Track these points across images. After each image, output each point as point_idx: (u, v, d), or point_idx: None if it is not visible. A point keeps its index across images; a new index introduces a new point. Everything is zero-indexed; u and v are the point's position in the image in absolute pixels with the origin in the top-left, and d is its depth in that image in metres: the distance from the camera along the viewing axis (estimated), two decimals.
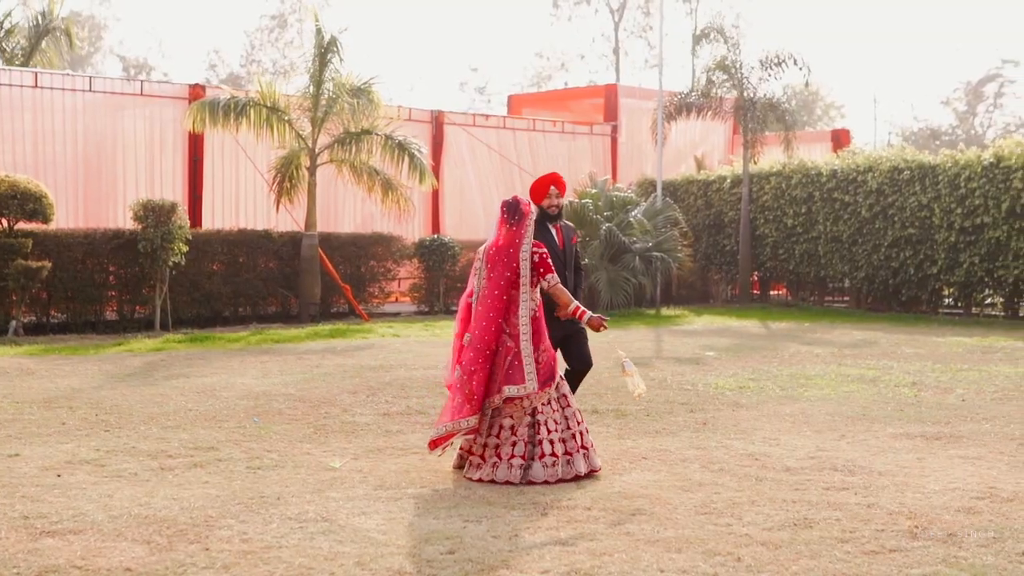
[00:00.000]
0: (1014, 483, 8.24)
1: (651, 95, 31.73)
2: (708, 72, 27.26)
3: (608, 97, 31.26)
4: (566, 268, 9.58)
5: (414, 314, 23.53)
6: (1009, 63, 66.43)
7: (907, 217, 24.06)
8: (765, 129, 26.61)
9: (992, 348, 17.47)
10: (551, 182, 9.61)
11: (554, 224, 9.64)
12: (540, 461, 8.35)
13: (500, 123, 28.70)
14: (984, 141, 59.87)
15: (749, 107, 26.39)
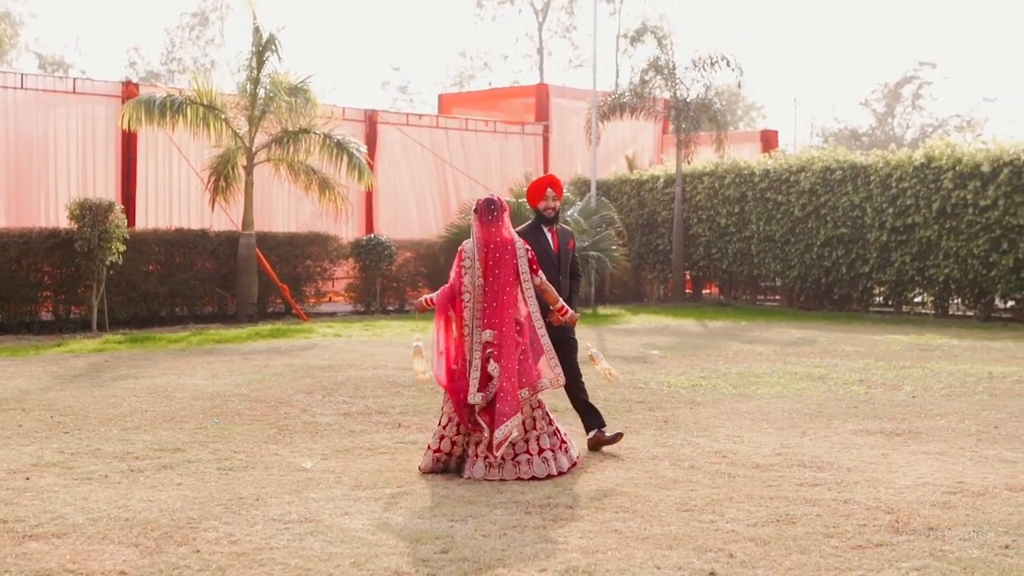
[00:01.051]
0: (981, 478, 8.37)
1: (582, 95, 31.89)
2: (642, 72, 27.39)
3: (539, 97, 31.32)
4: (560, 273, 9.42)
5: (351, 314, 23.43)
6: (926, 65, 67.41)
7: (839, 217, 24.37)
8: (699, 129, 26.78)
9: (929, 346, 17.74)
10: (547, 184, 9.49)
11: (550, 227, 9.50)
12: (540, 456, 8.51)
13: (433, 122, 28.65)
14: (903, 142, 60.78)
15: (683, 107, 26.57)
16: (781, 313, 24.50)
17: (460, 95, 37.60)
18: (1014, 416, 11.20)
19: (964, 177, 22.48)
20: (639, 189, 28.49)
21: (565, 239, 9.57)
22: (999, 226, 22.06)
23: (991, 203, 22.09)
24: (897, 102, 67.26)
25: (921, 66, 67.47)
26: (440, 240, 25.00)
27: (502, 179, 28.85)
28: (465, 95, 37.92)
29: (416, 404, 11.66)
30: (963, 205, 22.51)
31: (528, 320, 8.75)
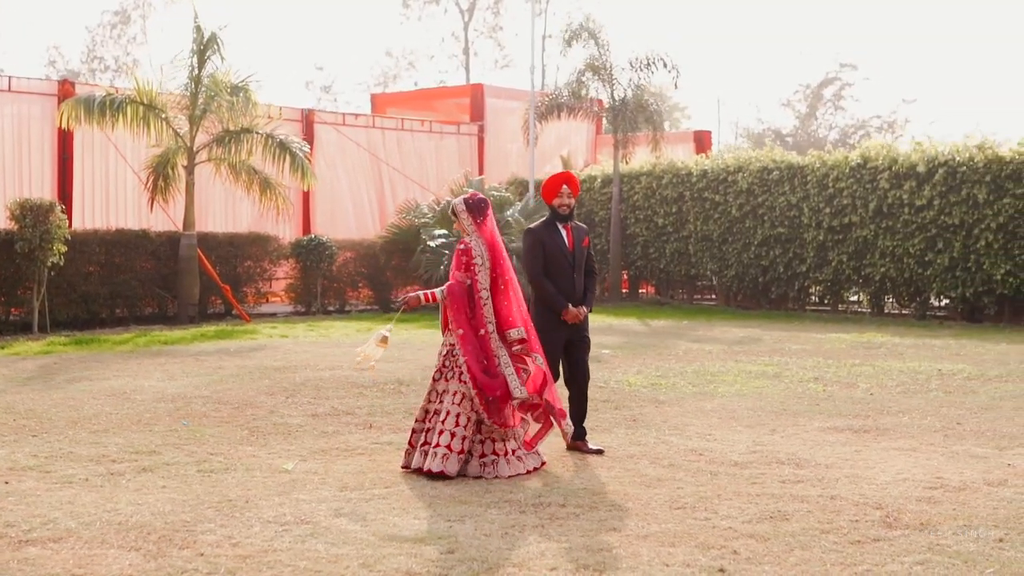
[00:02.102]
0: (958, 473, 8.51)
1: (517, 95, 31.97)
2: (579, 73, 27.46)
3: (474, 97, 31.35)
4: (574, 270, 9.38)
5: (291, 314, 23.29)
6: (847, 67, 68.17)
7: (777, 216, 24.62)
8: (636, 129, 26.92)
9: (873, 344, 17.97)
10: (563, 181, 9.40)
11: (565, 225, 9.44)
12: None
13: (369, 122, 28.59)
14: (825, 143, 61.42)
15: (620, 108, 26.68)
16: (719, 312, 24.68)
17: (393, 95, 37.50)
18: (973, 412, 11.38)
19: (900, 177, 22.81)
20: None
21: (580, 236, 9.51)
22: (934, 225, 22.40)
23: (927, 203, 22.43)
24: (819, 103, 67.99)
25: (842, 67, 68.22)
26: (380, 240, 24.93)
27: (438, 179, 28.85)
28: (398, 95, 37.83)
29: (382, 405, 11.63)
30: (899, 205, 22.84)
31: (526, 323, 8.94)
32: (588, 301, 9.48)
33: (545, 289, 9.31)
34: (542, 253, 9.33)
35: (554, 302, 9.29)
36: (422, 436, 8.55)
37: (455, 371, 8.56)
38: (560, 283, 9.33)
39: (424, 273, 23.83)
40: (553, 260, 9.32)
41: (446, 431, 8.41)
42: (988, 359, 15.83)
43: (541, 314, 9.32)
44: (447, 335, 8.69)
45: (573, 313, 9.28)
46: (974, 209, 21.91)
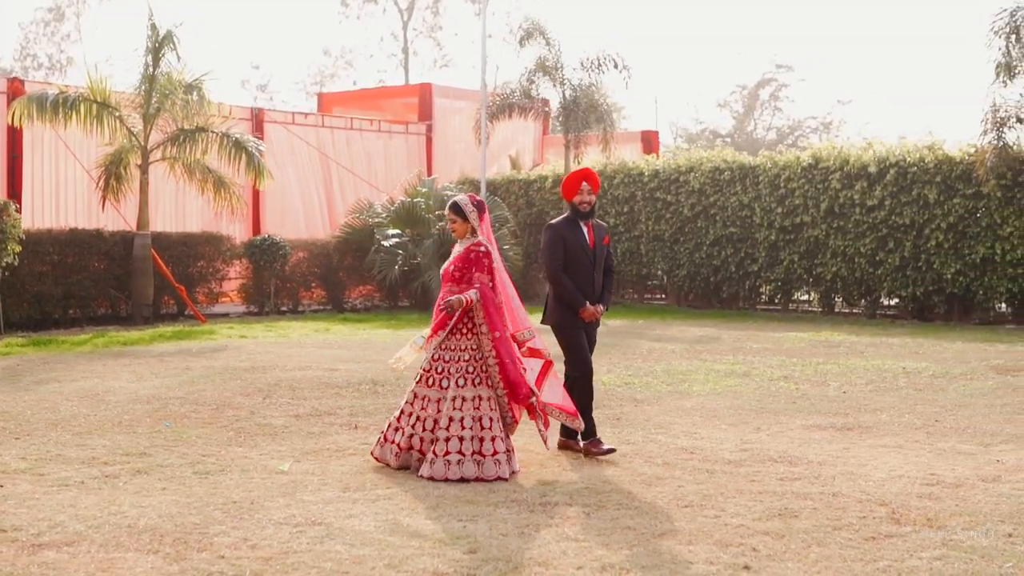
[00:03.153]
0: (950, 470, 8.62)
1: (465, 95, 31.96)
2: (529, 73, 27.44)
3: (422, 96, 31.28)
4: (595, 269, 9.32)
5: (245, 315, 23.13)
6: (783, 68, 68.75)
7: (728, 216, 24.80)
8: (588, 129, 26.96)
9: (831, 342, 18.15)
10: (583, 177, 9.32)
11: (586, 222, 9.36)
12: None
13: (319, 121, 28.45)
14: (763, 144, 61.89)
15: (572, 108, 26.71)
16: (671, 312, 24.80)
17: (340, 94, 37.30)
18: (947, 410, 11.53)
19: (851, 177, 23.05)
20: (527, 189, 28.61)
21: (600, 234, 9.43)
22: (885, 225, 22.67)
23: (878, 203, 22.69)
24: (755, 104, 68.52)
25: (778, 68, 68.78)
26: (333, 240, 24.82)
27: (386, 178, 28.77)
28: (345, 94, 37.65)
29: (362, 405, 11.58)
30: (850, 205, 23.08)
31: None
32: (606, 300, 9.45)
33: (565, 286, 9.22)
34: (563, 250, 9.25)
35: (573, 300, 9.21)
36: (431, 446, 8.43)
37: (480, 376, 8.53)
38: (580, 281, 9.26)
39: (378, 273, 23.78)
40: (574, 257, 9.25)
41: (487, 438, 8.37)
42: (948, 357, 16.03)
43: (559, 311, 9.29)
44: (456, 339, 8.60)
45: (591, 311, 9.25)
46: (925, 209, 22.19)
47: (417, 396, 8.58)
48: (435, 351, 8.59)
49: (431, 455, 8.35)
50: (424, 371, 8.63)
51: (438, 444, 8.35)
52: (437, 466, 8.28)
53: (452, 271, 8.68)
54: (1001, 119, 20.80)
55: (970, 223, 21.77)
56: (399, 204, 24.33)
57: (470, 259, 8.68)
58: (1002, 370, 14.57)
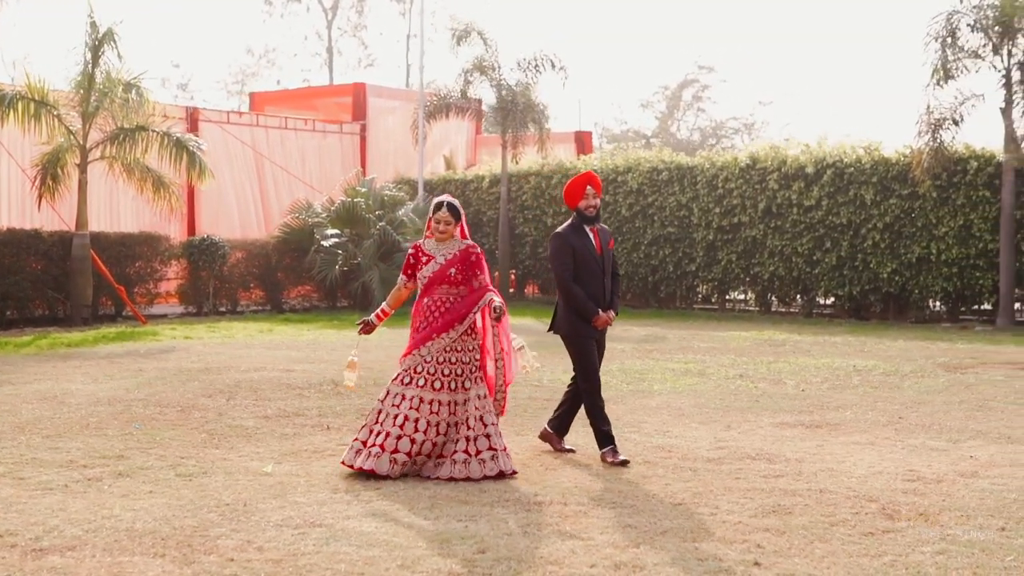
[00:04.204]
0: (926, 465, 8.76)
1: (398, 95, 31.95)
2: (466, 73, 27.44)
3: (356, 96, 31.14)
4: (604, 274, 9.15)
5: (184, 315, 22.93)
6: (705, 68, 69.21)
7: (667, 216, 24.97)
8: (525, 129, 27.01)
9: (775, 341, 18.35)
10: (587, 182, 9.16)
11: (591, 227, 9.19)
12: None
13: (253, 120, 28.24)
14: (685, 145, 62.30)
15: (509, 108, 26.75)
16: None
17: (273, 93, 37.05)
18: (908, 407, 11.71)
19: (789, 178, 23.35)
20: (464, 189, 28.60)
21: (606, 238, 9.28)
22: (822, 225, 22.99)
23: (815, 203, 23.00)
24: (678, 104, 68.94)
25: (700, 69, 69.21)
26: (272, 240, 24.66)
27: (321, 178, 28.63)
28: (278, 93, 37.41)
29: (329, 406, 11.53)
30: (788, 205, 23.37)
31: None
32: (615, 305, 9.30)
33: (576, 296, 9.05)
34: (571, 258, 9.08)
35: (585, 308, 9.04)
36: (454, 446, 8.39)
37: (474, 376, 8.54)
38: (591, 288, 9.08)
39: (318, 273, 23.66)
40: (583, 264, 9.06)
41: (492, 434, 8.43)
42: (893, 355, 16.27)
43: (569, 320, 9.11)
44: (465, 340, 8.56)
45: (604, 319, 9.09)
46: (861, 209, 22.53)
47: (424, 400, 8.39)
48: (440, 354, 8.50)
49: (461, 455, 8.31)
50: (430, 375, 8.44)
51: (470, 444, 8.35)
52: (473, 466, 8.28)
53: (453, 274, 8.57)
54: (936, 121, 21.15)
55: (906, 223, 22.13)
56: (339, 204, 24.23)
57: (471, 261, 8.65)
58: (950, 368, 14.82)
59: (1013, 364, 15.18)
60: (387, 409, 8.42)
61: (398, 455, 8.26)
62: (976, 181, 21.40)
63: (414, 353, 8.49)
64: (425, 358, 8.45)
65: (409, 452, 8.30)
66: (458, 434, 8.40)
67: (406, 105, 30.90)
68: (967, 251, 21.54)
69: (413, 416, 8.35)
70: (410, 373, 8.45)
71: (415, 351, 8.47)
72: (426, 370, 8.43)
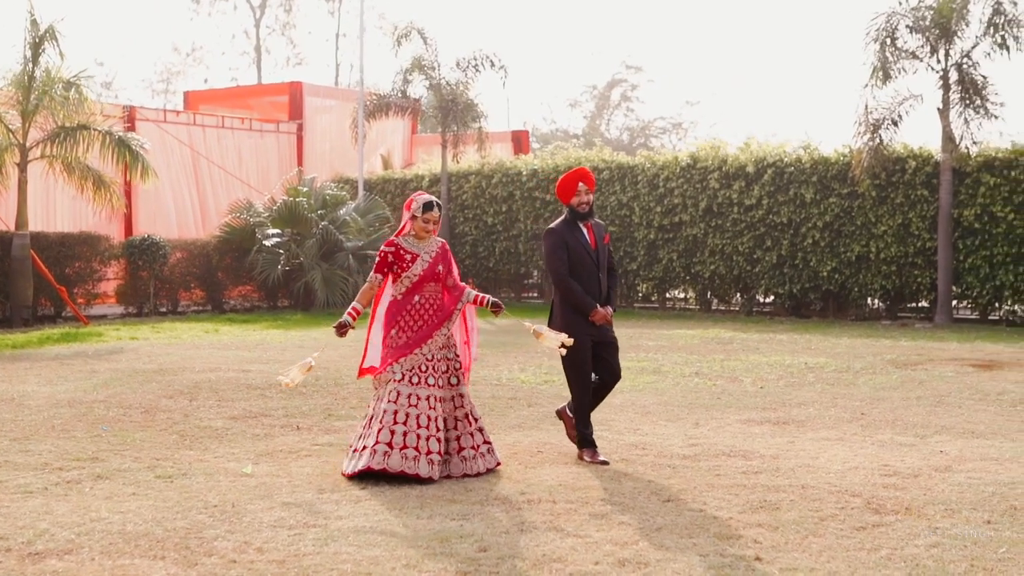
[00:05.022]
0: (899, 461, 8.89)
1: (335, 94, 31.85)
2: (405, 72, 27.38)
3: (293, 95, 30.98)
4: (599, 270, 9.08)
5: (124, 316, 22.72)
6: (632, 68, 69.61)
7: (607, 215, 25.07)
8: (465, 128, 27.00)
9: (723, 339, 18.51)
10: (579, 178, 9.13)
11: (585, 223, 9.13)
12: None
13: (191, 119, 28.00)
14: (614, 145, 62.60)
15: (449, 107, 26.75)
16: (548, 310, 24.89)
17: (208, 92, 36.71)
18: (867, 403, 11.86)
19: (729, 177, 23.55)
20: (403, 188, 28.52)
21: (601, 234, 9.22)
22: (763, 224, 23.22)
23: (755, 202, 23.22)
24: (607, 104, 69.26)
25: (628, 69, 69.60)
26: (213, 240, 24.46)
27: (258, 177, 28.46)
28: (213, 92, 37.05)
29: (294, 406, 11.47)
30: (728, 204, 23.57)
31: None
32: (613, 300, 9.26)
33: (573, 291, 9.00)
34: (566, 254, 9.02)
35: (583, 304, 8.97)
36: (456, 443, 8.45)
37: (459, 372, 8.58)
38: (586, 284, 9.02)
39: (261, 273, 23.51)
40: (578, 260, 9.01)
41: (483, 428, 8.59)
42: (841, 352, 16.47)
43: (565, 318, 9.05)
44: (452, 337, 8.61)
45: (602, 314, 9.01)
46: (801, 208, 22.78)
47: (436, 399, 8.38)
48: (438, 351, 8.51)
49: (470, 451, 8.41)
50: (433, 372, 8.43)
51: (474, 438, 8.46)
52: (479, 461, 8.41)
53: (441, 271, 8.61)
54: (876, 121, 21.43)
55: (845, 222, 22.41)
56: (281, 204, 24.08)
57: (448, 257, 8.72)
58: (900, 364, 15.03)
59: (960, 360, 15.42)
60: (406, 409, 8.27)
61: (432, 456, 8.20)
62: (914, 180, 21.71)
63: (416, 352, 8.44)
64: (427, 356, 8.44)
65: (440, 452, 8.27)
66: (459, 431, 8.44)
67: (343, 104, 30.81)
68: (906, 249, 21.85)
69: (434, 415, 8.32)
70: (416, 372, 8.38)
71: (417, 350, 8.43)
72: (430, 368, 8.42)
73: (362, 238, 24.19)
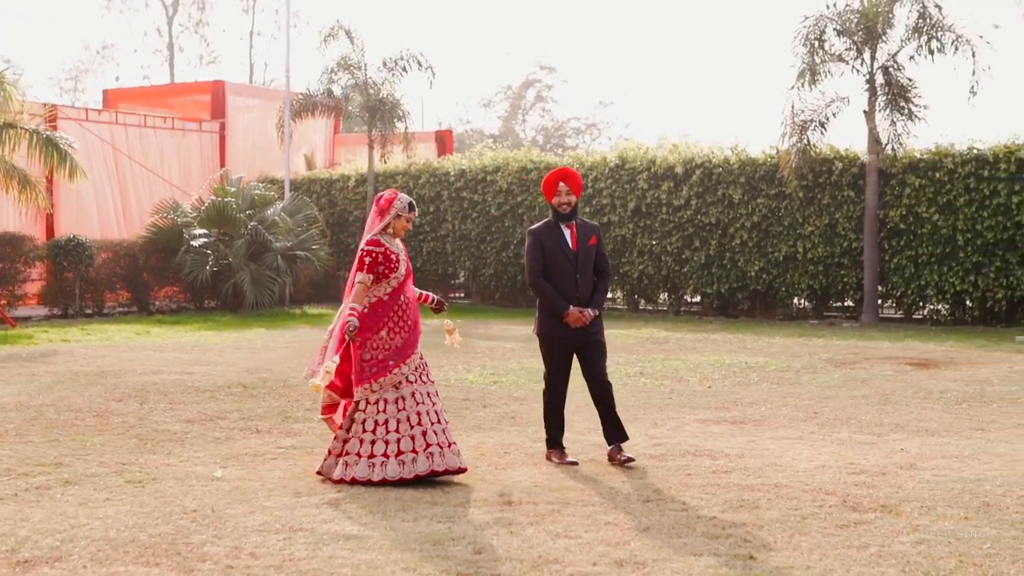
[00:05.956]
0: (862, 458, 9.03)
1: (257, 93, 31.68)
2: (330, 72, 27.23)
3: (215, 94, 30.63)
4: (577, 271, 8.92)
5: (49, 317, 22.34)
6: (546, 69, 69.76)
7: (536, 216, 25.07)
8: (393, 128, 26.91)
9: (657, 339, 18.65)
10: (559, 178, 8.96)
11: (568, 224, 9.00)
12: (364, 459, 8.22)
13: (113, 118, 27.59)
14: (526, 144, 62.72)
15: (378, 106, 26.64)
16: (480, 311, 24.97)
17: (128, 90, 36.19)
18: (817, 402, 12.02)
19: (658, 178, 23.71)
20: (329, 188, 28.38)
21: (586, 235, 9.03)
22: (691, 224, 23.42)
23: (684, 203, 23.42)
24: (521, 104, 69.35)
25: (542, 69, 69.74)
26: (140, 240, 24.13)
27: (181, 177, 28.11)
28: (134, 90, 36.56)
29: (249, 408, 11.40)
30: (657, 204, 23.74)
31: None
32: (596, 302, 9.04)
33: (544, 292, 8.96)
34: (542, 255, 8.96)
35: (554, 305, 8.92)
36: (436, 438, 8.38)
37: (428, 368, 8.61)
38: (561, 285, 8.93)
39: (189, 274, 23.26)
40: (553, 261, 8.94)
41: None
42: (777, 352, 16.68)
43: (542, 319, 9.03)
44: None
45: (575, 315, 8.88)
46: (729, 209, 23.02)
47: (430, 394, 8.47)
48: None
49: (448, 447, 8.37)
50: (425, 368, 8.54)
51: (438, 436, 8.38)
52: (449, 457, 8.34)
53: (410, 268, 8.68)
54: (804, 123, 21.71)
55: (773, 222, 22.68)
56: (209, 204, 23.83)
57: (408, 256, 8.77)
58: (838, 363, 15.25)
59: (896, 359, 15.68)
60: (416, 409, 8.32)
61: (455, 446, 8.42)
62: (841, 181, 22.03)
63: (417, 351, 8.49)
64: (421, 354, 8.52)
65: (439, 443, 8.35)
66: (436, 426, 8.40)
67: (266, 104, 30.56)
68: (832, 249, 22.16)
69: (439, 407, 8.47)
70: (420, 369, 8.45)
71: (416, 349, 8.49)
72: (424, 364, 8.52)
73: (291, 238, 24.03)
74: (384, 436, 8.19)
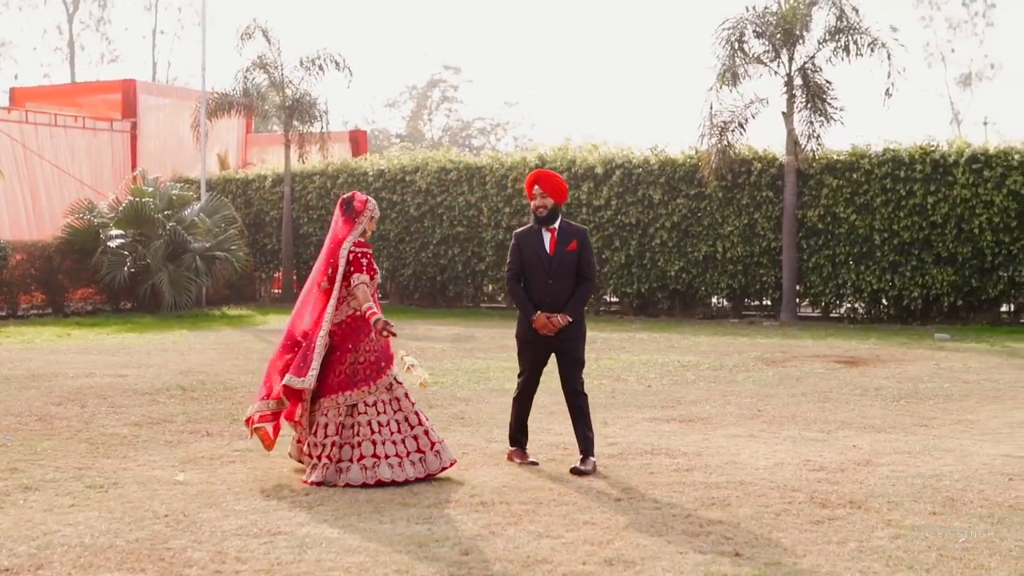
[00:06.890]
0: (818, 455, 9.16)
1: (169, 92, 31.28)
2: (245, 71, 27.01)
3: (126, 93, 30.17)
4: (549, 276, 8.74)
5: None
6: (451, 69, 69.82)
7: (456, 216, 25.14)
8: (311, 128, 26.73)
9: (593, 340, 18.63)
10: (533, 180, 8.86)
11: (548, 227, 8.86)
12: (359, 463, 8.24)
13: (22, 117, 27.07)
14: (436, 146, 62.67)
15: (295, 106, 26.47)
16: (399, 311, 24.82)
17: (35, 89, 35.44)
18: (758, 400, 12.17)
19: (578, 178, 23.81)
20: (246, 188, 28.11)
21: (566, 240, 8.84)
22: (612, 224, 23.56)
23: (604, 203, 23.55)
24: (426, 104, 69.30)
25: (447, 69, 69.78)
26: (55, 241, 23.70)
27: (93, 176, 27.68)
28: (41, 89, 35.83)
29: (193, 411, 11.27)
30: (577, 205, 23.83)
31: (315, 331, 8.60)
32: (570, 307, 8.80)
33: (514, 295, 8.95)
34: (519, 258, 8.91)
35: (522, 309, 8.86)
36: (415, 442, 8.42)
37: None
38: (533, 289, 8.83)
39: (106, 275, 22.91)
40: (528, 265, 8.85)
41: None
42: (706, 351, 16.84)
43: (518, 321, 9.00)
44: None
45: (542, 321, 8.74)
46: (649, 209, 23.20)
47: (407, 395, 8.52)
48: None
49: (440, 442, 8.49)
50: None
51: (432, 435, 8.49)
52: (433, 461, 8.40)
53: None
54: (723, 123, 21.95)
55: (693, 222, 22.90)
56: (127, 204, 23.46)
57: None
58: (769, 362, 15.44)
59: (824, 357, 15.91)
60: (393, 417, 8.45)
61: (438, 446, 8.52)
62: (760, 182, 22.32)
63: (399, 352, 8.62)
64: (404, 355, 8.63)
65: None
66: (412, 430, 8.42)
67: (177, 103, 30.20)
68: (751, 249, 22.43)
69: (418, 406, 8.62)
70: None
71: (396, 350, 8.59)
72: None
73: (209, 239, 23.77)
74: (390, 437, 8.27)
